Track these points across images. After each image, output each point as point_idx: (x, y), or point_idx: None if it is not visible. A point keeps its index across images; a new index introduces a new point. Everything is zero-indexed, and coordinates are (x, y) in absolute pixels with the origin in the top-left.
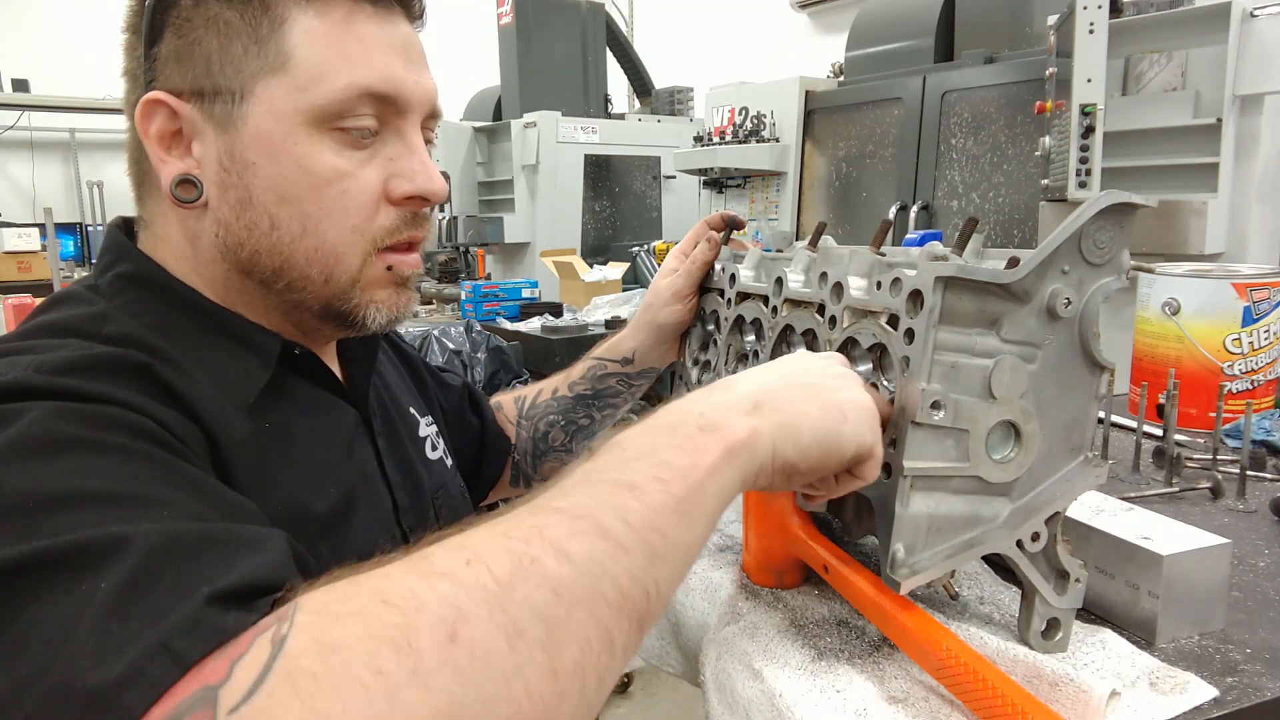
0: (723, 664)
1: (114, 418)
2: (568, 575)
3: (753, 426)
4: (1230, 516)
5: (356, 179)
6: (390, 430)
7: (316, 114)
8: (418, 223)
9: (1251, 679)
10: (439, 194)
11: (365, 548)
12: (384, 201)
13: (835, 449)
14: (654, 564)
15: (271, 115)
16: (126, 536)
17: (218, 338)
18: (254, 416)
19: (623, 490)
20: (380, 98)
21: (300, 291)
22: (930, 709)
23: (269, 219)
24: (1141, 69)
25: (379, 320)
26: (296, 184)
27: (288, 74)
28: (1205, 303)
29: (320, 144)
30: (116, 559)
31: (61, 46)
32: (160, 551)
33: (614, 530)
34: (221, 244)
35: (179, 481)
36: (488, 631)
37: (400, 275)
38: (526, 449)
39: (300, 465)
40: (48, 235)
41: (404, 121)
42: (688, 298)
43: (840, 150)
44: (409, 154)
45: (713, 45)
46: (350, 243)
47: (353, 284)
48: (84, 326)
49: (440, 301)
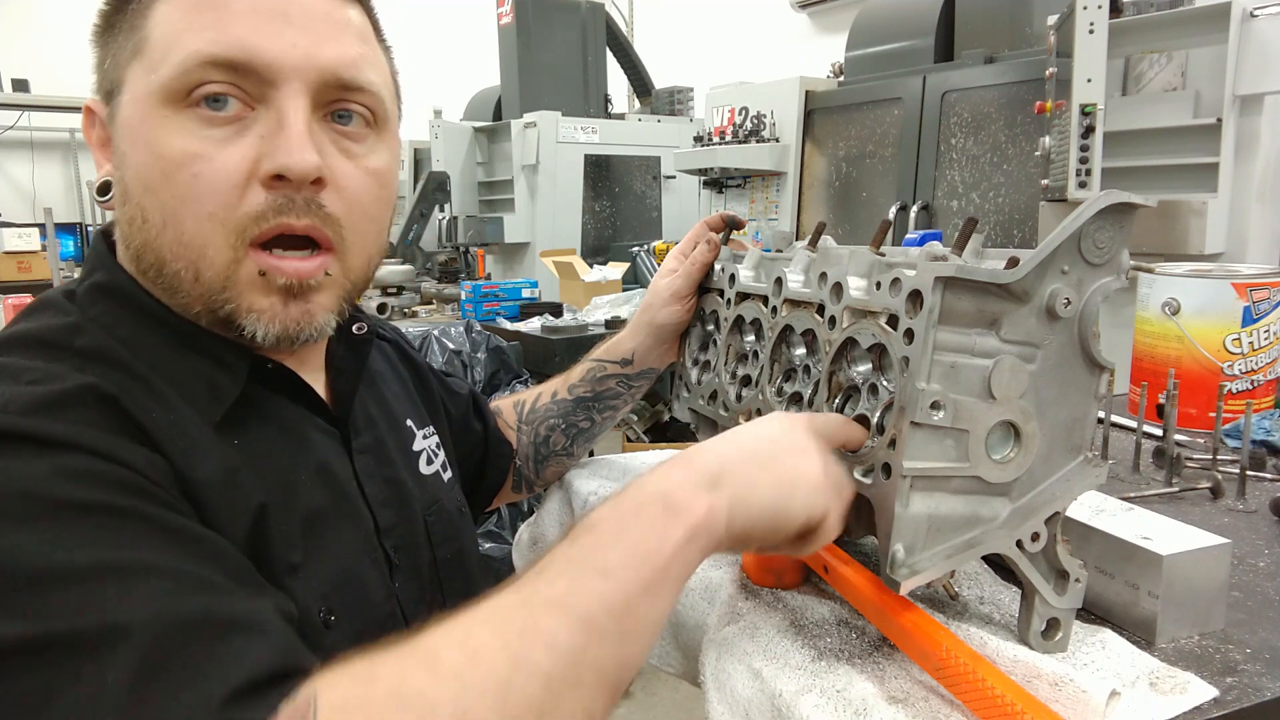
0: (723, 664)
1: (91, 471)
2: (557, 668)
3: (710, 504)
4: (1230, 516)
5: (210, 160)
6: (376, 446)
7: (164, 92)
8: (294, 209)
9: (1251, 679)
10: (297, 168)
11: (343, 572)
12: (255, 184)
13: (784, 521)
14: (627, 644)
15: (133, 101)
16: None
17: (186, 353)
18: (223, 434)
19: (600, 577)
20: (230, 65)
21: (179, 292)
22: (930, 709)
23: (141, 212)
24: (1141, 69)
25: (265, 334)
26: (151, 170)
27: (145, 56)
28: (1205, 303)
29: (175, 125)
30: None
31: (61, 46)
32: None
33: (595, 619)
34: (124, 243)
35: (164, 539)
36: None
37: (274, 284)
38: (528, 454)
39: (268, 487)
40: (48, 235)
41: (276, 92)
42: (687, 298)
43: (840, 150)
44: (279, 129)
45: (713, 45)
46: (209, 232)
47: (223, 284)
48: (57, 338)
49: (440, 301)
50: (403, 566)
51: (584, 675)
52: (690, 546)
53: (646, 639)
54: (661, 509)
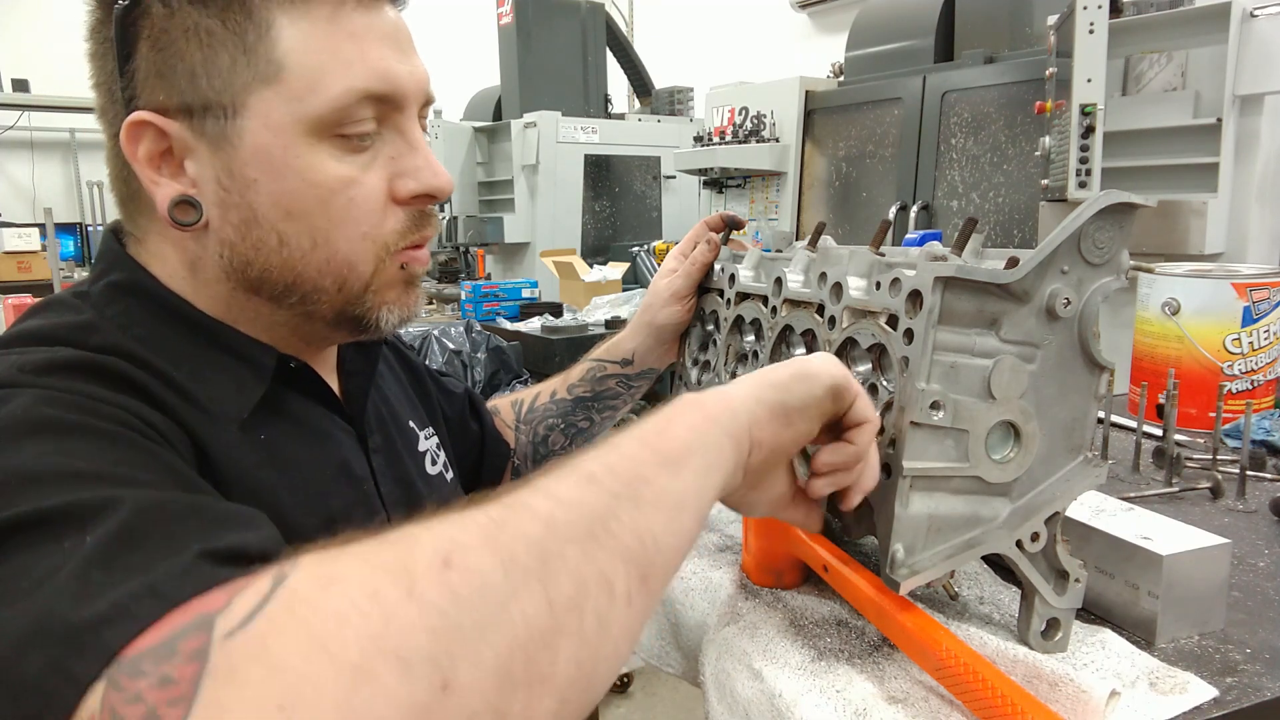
0: (722, 664)
1: (100, 405)
2: (558, 512)
3: (723, 392)
4: (1230, 516)
5: (362, 185)
6: (388, 446)
7: (315, 123)
8: (426, 221)
9: (1251, 679)
10: (446, 189)
11: None
12: (390, 203)
13: (812, 379)
14: (643, 510)
15: (269, 129)
16: (115, 498)
17: (210, 351)
18: (246, 432)
19: (605, 450)
20: (379, 98)
21: (314, 304)
22: (930, 709)
23: (277, 236)
24: (1141, 69)
25: (391, 321)
26: (303, 198)
27: (282, 84)
28: (1205, 303)
29: (321, 153)
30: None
31: (61, 46)
32: (149, 512)
33: (599, 476)
34: (227, 264)
35: (165, 470)
36: (481, 558)
37: (412, 274)
38: (526, 453)
39: (291, 485)
40: (48, 235)
41: (402, 116)
42: (686, 298)
43: (840, 150)
44: (411, 151)
45: (713, 45)
46: (361, 250)
47: (366, 289)
48: (70, 336)
49: (440, 301)
50: None
51: (593, 529)
52: (710, 428)
53: (669, 514)
54: (673, 406)
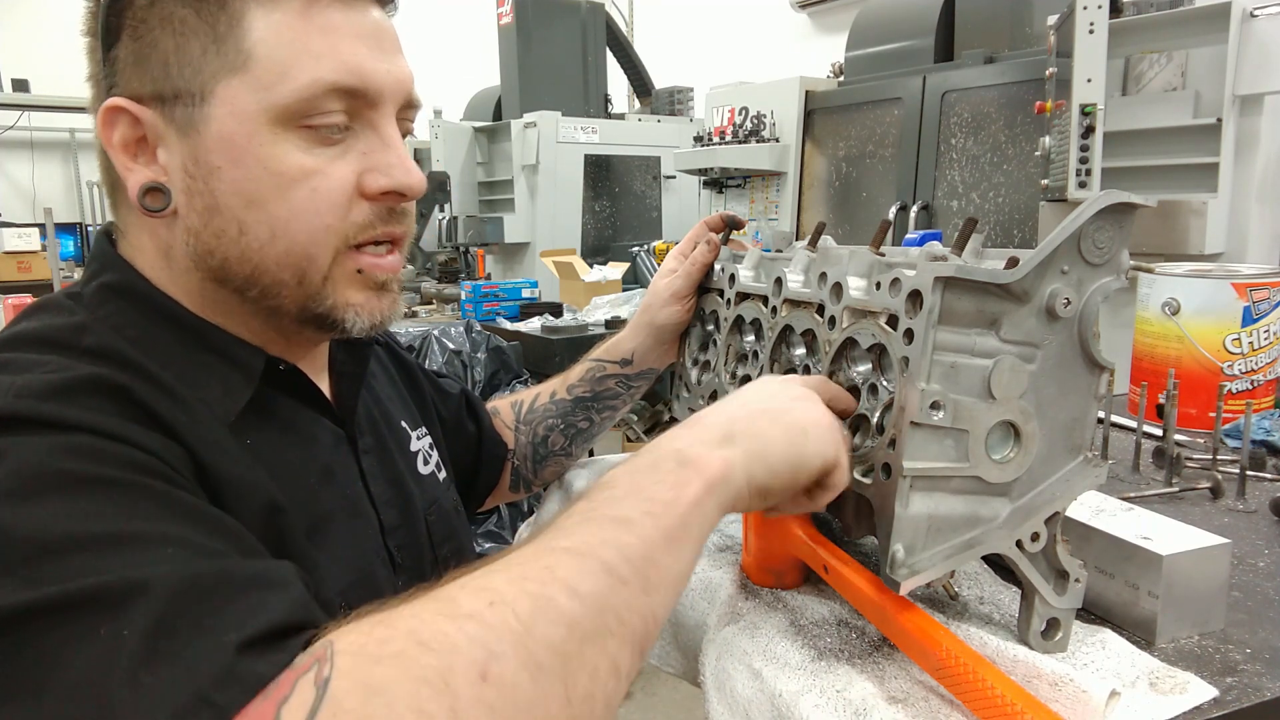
0: (723, 664)
1: (105, 451)
2: (579, 612)
3: (725, 458)
4: (1230, 516)
5: (327, 176)
6: (379, 447)
7: (281, 113)
8: (395, 218)
9: (1251, 679)
10: (417, 188)
11: (357, 572)
12: (358, 197)
13: (802, 466)
14: (650, 594)
15: (234, 116)
16: (143, 580)
17: (200, 353)
18: (235, 434)
19: (619, 527)
20: (348, 91)
21: (275, 297)
22: (930, 709)
23: (237, 225)
24: (1141, 69)
25: (360, 325)
26: (263, 185)
27: (249, 73)
28: (1205, 303)
29: (287, 143)
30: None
31: (61, 46)
32: (180, 596)
33: (615, 567)
34: (193, 252)
35: (178, 513)
36: (514, 669)
37: (373, 280)
38: (526, 454)
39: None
40: (48, 235)
41: (376, 113)
42: (686, 298)
43: (840, 150)
44: (384, 147)
45: (713, 45)
46: (321, 242)
47: (324, 282)
48: (64, 338)
49: (440, 301)
50: (406, 566)
51: (608, 623)
52: (708, 500)
53: (670, 592)
54: (676, 464)
